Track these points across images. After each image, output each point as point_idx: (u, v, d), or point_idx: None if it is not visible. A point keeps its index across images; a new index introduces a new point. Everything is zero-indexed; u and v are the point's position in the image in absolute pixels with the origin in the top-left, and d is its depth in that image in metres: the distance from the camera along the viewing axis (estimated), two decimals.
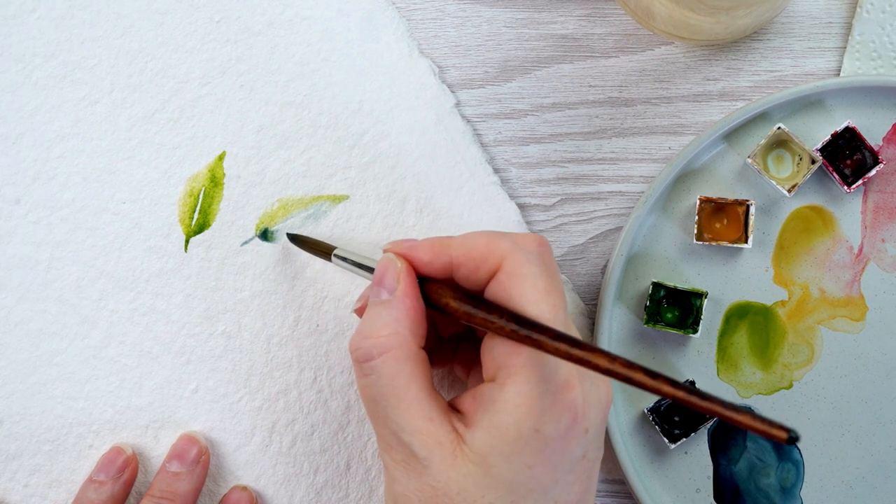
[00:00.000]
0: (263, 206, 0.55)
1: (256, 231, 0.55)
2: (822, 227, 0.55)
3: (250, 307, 0.55)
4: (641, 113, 0.56)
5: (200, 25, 0.55)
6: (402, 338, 0.43)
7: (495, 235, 0.44)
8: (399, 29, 0.55)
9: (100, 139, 0.55)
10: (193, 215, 0.55)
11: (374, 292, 0.45)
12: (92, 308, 0.55)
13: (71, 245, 0.55)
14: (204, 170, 0.55)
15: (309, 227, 0.55)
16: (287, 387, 0.55)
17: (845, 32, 0.56)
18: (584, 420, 0.43)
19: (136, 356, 0.55)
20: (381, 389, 0.43)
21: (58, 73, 0.55)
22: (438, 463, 0.42)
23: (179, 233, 0.55)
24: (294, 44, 0.55)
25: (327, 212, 0.55)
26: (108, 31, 0.55)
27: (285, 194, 0.55)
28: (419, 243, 0.45)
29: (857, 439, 0.54)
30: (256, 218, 0.55)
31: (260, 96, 0.55)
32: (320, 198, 0.55)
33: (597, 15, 0.56)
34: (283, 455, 0.55)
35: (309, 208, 0.55)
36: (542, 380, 0.42)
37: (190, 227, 0.55)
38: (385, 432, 0.44)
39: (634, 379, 0.39)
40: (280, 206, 0.55)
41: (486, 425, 0.42)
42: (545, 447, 0.42)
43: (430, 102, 0.55)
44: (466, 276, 0.44)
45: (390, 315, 0.44)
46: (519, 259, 0.43)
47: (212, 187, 0.55)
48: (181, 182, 0.55)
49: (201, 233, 0.55)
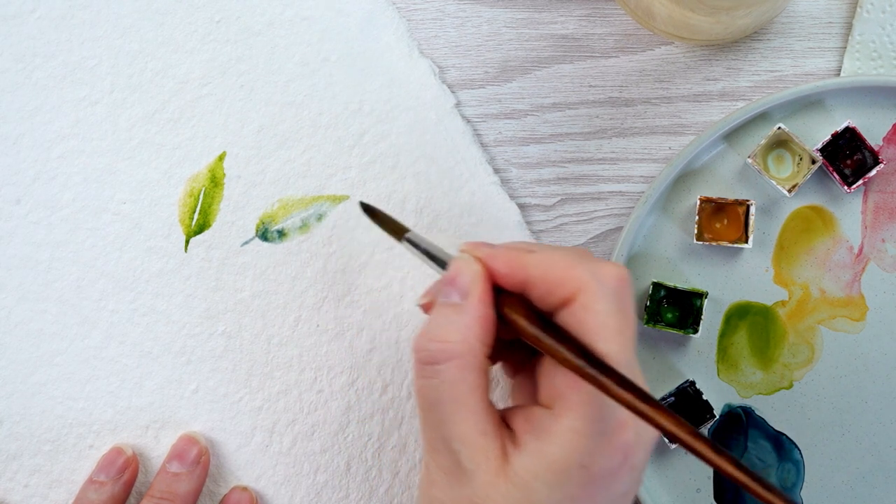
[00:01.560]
0: (263, 207, 0.55)
1: (257, 231, 0.55)
2: (822, 227, 0.55)
3: (250, 307, 0.55)
4: (641, 113, 0.56)
5: (200, 26, 0.55)
6: (470, 346, 0.42)
7: (575, 261, 0.43)
8: (399, 29, 0.55)
9: (100, 139, 0.55)
10: (193, 216, 0.55)
11: (445, 292, 0.44)
12: (92, 308, 0.55)
13: (71, 245, 0.55)
14: (204, 170, 0.55)
15: (310, 227, 0.55)
16: (287, 387, 0.55)
17: (845, 32, 0.56)
18: (633, 459, 0.42)
19: (136, 356, 0.55)
20: (440, 395, 0.42)
21: (58, 73, 0.55)
22: (482, 478, 0.41)
23: (179, 233, 0.55)
24: (294, 44, 0.55)
25: (327, 212, 0.55)
26: (109, 31, 0.55)
27: (285, 194, 0.55)
28: (498, 253, 0.44)
29: (857, 439, 0.54)
30: (256, 218, 0.55)
31: (260, 96, 0.55)
32: (320, 198, 0.55)
33: (597, 15, 0.56)
34: (283, 455, 0.55)
35: (309, 208, 0.55)
36: (598, 419, 0.41)
37: (190, 227, 0.55)
38: (435, 436, 0.43)
39: (699, 452, 0.38)
40: (280, 206, 0.55)
41: (534, 451, 0.41)
42: (591, 482, 0.41)
43: (431, 103, 0.55)
44: (539, 297, 0.43)
45: (462, 321, 0.43)
46: (596, 293, 0.42)
47: (212, 187, 0.55)
48: (181, 182, 0.55)
49: (201, 233, 0.55)
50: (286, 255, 0.55)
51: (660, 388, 0.55)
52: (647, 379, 0.55)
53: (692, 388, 0.54)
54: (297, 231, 0.55)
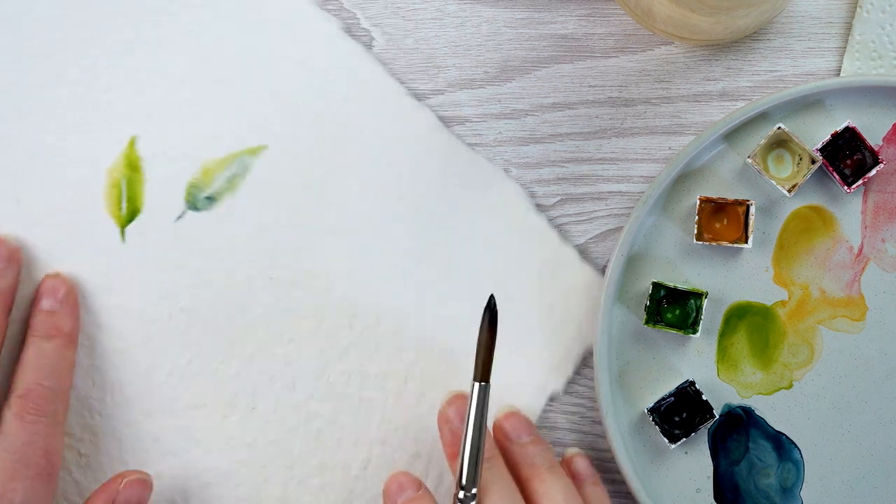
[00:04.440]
0: (187, 177, 0.55)
1: (187, 203, 0.55)
2: (822, 227, 0.55)
3: (201, 278, 0.55)
4: (641, 113, 0.56)
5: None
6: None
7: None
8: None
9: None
10: (121, 205, 0.55)
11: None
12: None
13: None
14: (119, 158, 0.55)
15: (237, 185, 0.55)
16: (258, 347, 0.55)
17: (845, 32, 0.56)
18: None
19: (108, 358, 0.55)
20: None
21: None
22: None
23: (113, 225, 0.55)
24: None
25: (249, 165, 0.55)
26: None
27: (206, 159, 0.55)
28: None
29: (857, 439, 0.54)
30: (183, 190, 0.55)
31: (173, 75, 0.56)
32: (239, 153, 0.55)
33: (597, 15, 0.57)
34: (271, 413, 0.55)
35: (231, 166, 0.55)
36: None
37: (121, 216, 0.55)
38: None
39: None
40: (203, 171, 0.55)
41: None
42: None
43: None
44: None
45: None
46: None
47: (131, 173, 0.55)
48: (101, 175, 0.55)
49: (133, 220, 0.55)
50: (221, 220, 0.55)
51: (660, 388, 0.55)
52: (647, 379, 0.55)
53: (692, 388, 0.54)
54: (226, 193, 0.55)
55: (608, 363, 0.54)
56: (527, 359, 0.56)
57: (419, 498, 0.50)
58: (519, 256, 0.56)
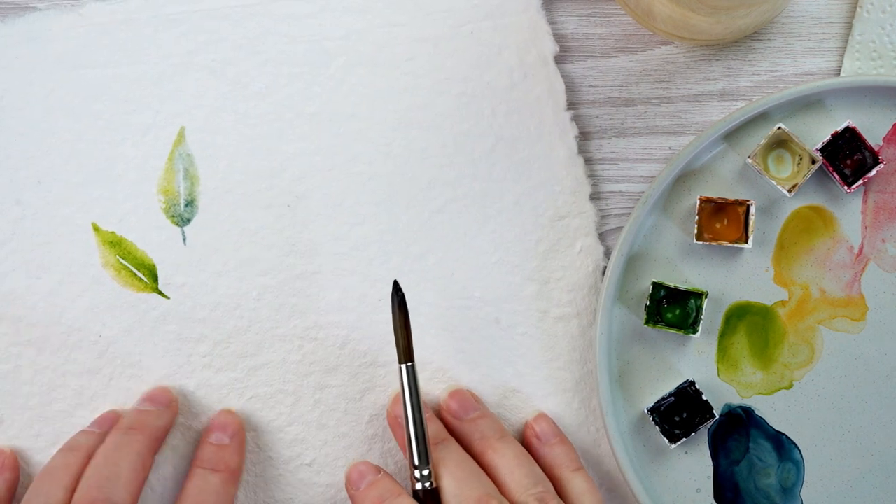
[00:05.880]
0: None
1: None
2: (822, 227, 0.55)
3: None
4: (641, 113, 0.56)
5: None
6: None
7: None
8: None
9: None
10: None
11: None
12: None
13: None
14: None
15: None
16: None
17: (845, 32, 0.56)
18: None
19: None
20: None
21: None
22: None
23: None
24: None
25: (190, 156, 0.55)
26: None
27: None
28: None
29: (857, 439, 0.54)
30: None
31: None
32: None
33: (597, 15, 0.57)
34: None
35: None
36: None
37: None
38: None
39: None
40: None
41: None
42: None
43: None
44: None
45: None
46: None
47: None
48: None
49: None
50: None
51: (660, 388, 0.55)
52: (647, 379, 0.55)
53: (692, 388, 0.54)
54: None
55: (608, 363, 0.54)
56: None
57: (380, 480, 0.51)
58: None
